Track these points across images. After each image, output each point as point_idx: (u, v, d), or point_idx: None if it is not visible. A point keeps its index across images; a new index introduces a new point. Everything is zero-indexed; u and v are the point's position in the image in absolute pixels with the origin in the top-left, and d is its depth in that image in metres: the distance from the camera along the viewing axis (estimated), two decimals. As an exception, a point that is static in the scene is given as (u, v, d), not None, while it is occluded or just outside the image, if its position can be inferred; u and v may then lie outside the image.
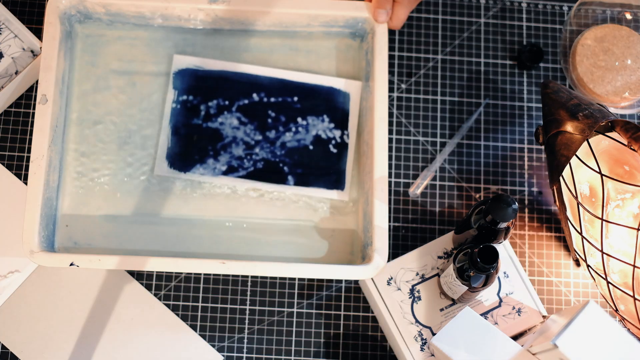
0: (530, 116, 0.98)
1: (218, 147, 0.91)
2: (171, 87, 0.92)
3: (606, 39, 0.98)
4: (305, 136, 0.92)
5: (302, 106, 0.92)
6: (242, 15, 0.93)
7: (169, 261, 0.83)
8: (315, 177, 0.91)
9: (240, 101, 0.92)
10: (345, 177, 0.91)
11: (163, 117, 0.91)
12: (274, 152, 0.91)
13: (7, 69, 0.94)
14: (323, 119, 0.92)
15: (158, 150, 0.90)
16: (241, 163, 0.90)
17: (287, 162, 0.91)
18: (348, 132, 0.92)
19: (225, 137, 0.91)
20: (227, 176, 0.90)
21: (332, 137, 0.92)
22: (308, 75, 0.93)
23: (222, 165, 0.90)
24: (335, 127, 0.92)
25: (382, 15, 0.90)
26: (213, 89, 0.92)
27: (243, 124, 0.91)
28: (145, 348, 0.89)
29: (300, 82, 0.93)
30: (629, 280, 0.86)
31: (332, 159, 0.91)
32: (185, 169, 0.90)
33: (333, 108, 0.93)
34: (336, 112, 0.93)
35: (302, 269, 0.84)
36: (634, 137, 0.84)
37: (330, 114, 0.92)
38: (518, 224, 0.94)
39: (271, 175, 0.91)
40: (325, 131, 0.92)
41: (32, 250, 0.83)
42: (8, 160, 0.94)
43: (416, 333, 0.86)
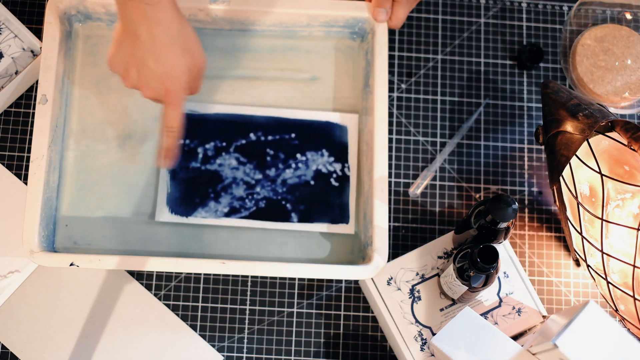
0: (530, 116, 0.98)
1: (219, 189, 0.90)
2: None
3: (606, 39, 0.98)
4: (306, 172, 0.91)
5: (300, 142, 0.92)
6: (242, 16, 0.93)
7: (169, 261, 0.83)
8: (319, 213, 0.90)
9: (238, 141, 0.91)
10: (349, 210, 0.91)
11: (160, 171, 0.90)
12: (276, 190, 0.90)
13: (7, 69, 0.94)
14: (322, 153, 0.92)
15: (158, 196, 0.89)
16: (243, 203, 0.90)
17: (290, 199, 0.90)
18: (348, 165, 0.92)
19: (225, 179, 0.90)
20: (230, 218, 0.89)
21: (333, 171, 0.91)
22: (304, 112, 0.93)
23: (224, 207, 0.90)
24: (335, 161, 0.92)
25: (381, 14, 0.90)
26: (209, 131, 0.91)
27: (242, 164, 0.91)
28: (145, 348, 0.89)
29: (296, 119, 0.92)
30: (629, 280, 0.86)
31: (334, 193, 0.91)
32: (187, 213, 0.89)
33: (331, 142, 0.92)
34: (335, 145, 0.92)
35: (302, 269, 0.84)
36: (634, 137, 0.84)
37: (329, 148, 0.92)
38: (518, 224, 0.94)
39: (274, 213, 0.90)
40: (325, 165, 0.91)
41: (32, 251, 0.83)
42: (8, 160, 0.94)
43: (416, 333, 0.86)
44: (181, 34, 0.78)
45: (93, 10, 0.91)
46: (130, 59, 0.78)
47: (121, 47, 0.78)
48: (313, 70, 0.95)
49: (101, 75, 0.93)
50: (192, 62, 0.80)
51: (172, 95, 0.79)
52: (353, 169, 0.92)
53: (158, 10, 0.75)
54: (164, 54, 0.77)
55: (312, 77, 0.95)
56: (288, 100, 0.94)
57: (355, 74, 0.95)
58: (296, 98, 0.94)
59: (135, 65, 0.78)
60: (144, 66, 0.78)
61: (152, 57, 0.77)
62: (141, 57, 0.77)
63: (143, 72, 0.78)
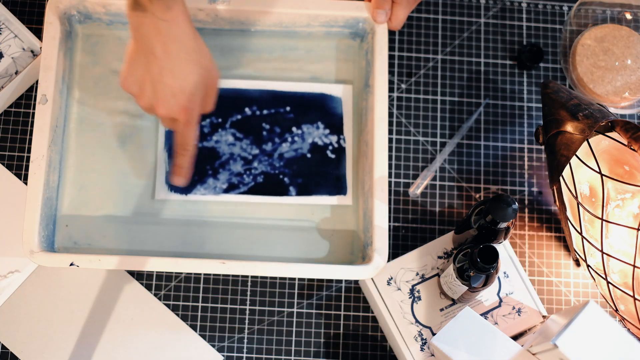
0: (530, 116, 0.98)
1: (216, 166, 0.90)
2: None
3: (606, 39, 0.98)
4: (302, 145, 0.91)
5: (295, 115, 0.92)
6: (242, 15, 0.93)
7: (169, 261, 0.83)
8: (317, 185, 0.91)
9: (233, 117, 0.91)
10: (346, 181, 0.91)
11: (157, 142, 0.91)
12: (273, 165, 0.91)
13: (7, 69, 0.94)
14: (318, 126, 0.92)
15: (157, 175, 0.90)
16: (241, 179, 0.90)
17: (287, 173, 0.90)
18: (344, 137, 0.92)
19: (222, 155, 0.90)
20: (228, 194, 0.90)
21: (329, 143, 0.92)
22: (298, 84, 0.93)
23: (222, 184, 0.90)
24: (330, 133, 0.92)
25: (381, 15, 0.90)
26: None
27: (238, 140, 0.91)
28: (145, 348, 0.89)
29: (290, 92, 0.93)
30: (629, 280, 0.86)
31: (331, 165, 0.91)
32: (186, 191, 0.89)
33: (326, 114, 0.92)
34: (330, 117, 0.92)
35: (302, 269, 0.84)
36: (634, 137, 0.84)
37: (324, 120, 0.92)
38: (518, 224, 0.94)
39: (272, 187, 0.90)
40: (321, 138, 0.92)
41: (32, 251, 0.83)
42: (8, 160, 0.94)
43: (416, 333, 0.86)
44: (196, 50, 0.77)
45: (93, 10, 0.91)
46: (145, 77, 0.77)
47: (135, 65, 0.77)
48: (313, 70, 0.95)
49: (101, 75, 0.93)
50: (208, 78, 0.79)
51: (187, 113, 0.78)
52: (349, 140, 0.92)
53: (174, 27, 0.74)
54: (181, 70, 0.76)
55: (312, 77, 0.95)
56: None
57: (355, 74, 0.95)
58: (296, 98, 0.94)
59: (150, 82, 0.77)
60: (160, 82, 0.76)
61: (168, 74, 0.76)
62: (157, 74, 0.76)
63: (159, 89, 0.76)
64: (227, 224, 0.90)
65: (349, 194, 0.91)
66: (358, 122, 0.93)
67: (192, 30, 0.76)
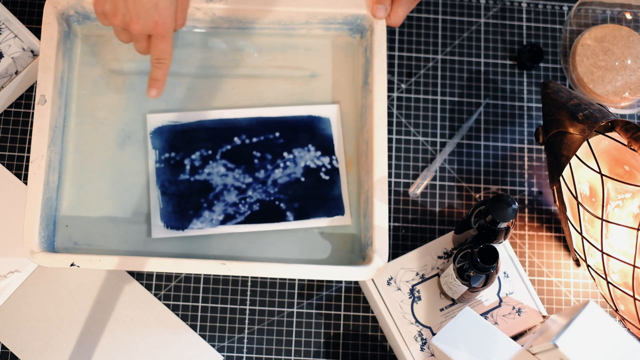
0: (530, 116, 0.98)
1: (210, 198, 0.89)
2: (150, 147, 0.91)
3: (606, 39, 0.98)
4: (295, 169, 0.91)
5: (285, 140, 0.92)
6: (240, 14, 0.93)
7: (169, 261, 0.83)
8: (314, 208, 0.90)
9: (223, 148, 0.91)
10: (342, 201, 0.91)
11: (149, 179, 0.90)
12: (268, 192, 0.90)
13: (7, 69, 0.93)
14: (309, 148, 0.91)
15: (151, 213, 0.89)
16: (237, 209, 0.89)
17: (283, 199, 0.90)
18: (336, 157, 0.92)
19: (215, 187, 0.90)
20: (225, 225, 0.89)
21: (322, 165, 0.91)
22: (284, 109, 0.92)
23: (218, 215, 0.89)
24: (322, 155, 0.91)
25: (380, 10, 0.90)
26: (193, 141, 0.91)
27: (230, 170, 0.90)
28: (145, 348, 0.89)
29: (278, 117, 0.92)
30: (629, 280, 0.86)
31: (326, 187, 0.91)
32: (182, 227, 0.89)
33: (316, 136, 0.92)
34: (320, 139, 0.92)
35: (302, 270, 0.84)
36: (634, 137, 0.84)
37: (314, 143, 0.92)
38: (518, 224, 0.94)
39: (269, 214, 0.90)
40: (313, 160, 0.91)
41: (33, 251, 0.83)
42: (8, 160, 0.94)
43: (416, 333, 0.86)
44: None
45: (91, 10, 0.91)
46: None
47: None
48: (312, 68, 0.95)
49: (100, 75, 0.93)
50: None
51: (162, 27, 0.79)
52: (341, 160, 0.92)
53: None
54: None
55: (311, 74, 0.95)
56: (287, 98, 0.94)
57: (354, 71, 0.95)
58: (295, 95, 0.94)
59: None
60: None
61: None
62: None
63: (132, 4, 0.78)
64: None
65: (347, 214, 0.90)
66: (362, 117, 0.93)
67: None
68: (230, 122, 0.92)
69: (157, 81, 0.83)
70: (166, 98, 0.93)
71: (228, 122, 0.92)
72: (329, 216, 0.90)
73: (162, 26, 0.79)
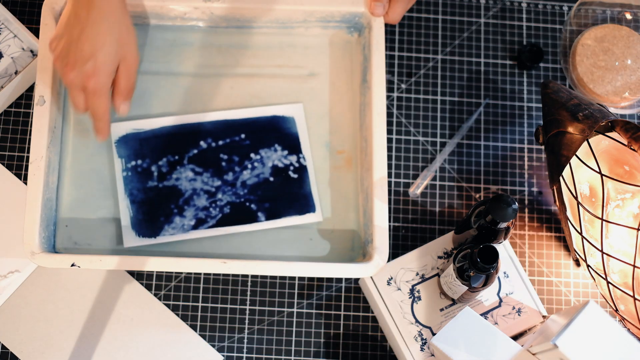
0: (530, 116, 0.98)
1: (180, 203, 0.89)
2: (116, 156, 0.90)
3: (606, 39, 0.98)
4: (263, 170, 0.91)
5: (251, 142, 0.91)
6: (238, 13, 0.93)
7: (170, 261, 0.83)
8: (284, 207, 0.90)
9: (189, 152, 0.90)
10: (313, 198, 0.90)
11: (117, 188, 0.89)
12: (237, 193, 0.90)
13: (7, 69, 0.93)
14: (275, 148, 0.91)
15: (122, 222, 0.88)
16: (208, 213, 0.89)
17: (253, 199, 0.90)
18: (303, 155, 0.91)
19: (185, 192, 0.89)
20: (197, 230, 0.88)
21: (290, 164, 0.91)
22: (248, 110, 0.92)
23: (189, 220, 0.89)
24: (289, 153, 0.91)
25: (378, 8, 0.90)
26: (159, 147, 0.90)
27: (199, 174, 0.90)
28: (145, 348, 0.89)
29: (242, 119, 0.92)
30: (629, 280, 0.86)
31: (295, 185, 0.90)
32: (154, 234, 0.88)
33: (282, 135, 0.92)
34: (286, 138, 0.92)
35: (303, 268, 0.84)
36: (634, 137, 0.84)
37: (280, 142, 0.91)
38: (518, 224, 0.94)
39: (241, 216, 0.89)
40: (280, 159, 0.91)
41: (33, 252, 0.83)
42: (8, 160, 0.94)
43: (416, 333, 0.87)
44: (119, 25, 0.79)
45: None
46: (66, 38, 0.79)
47: (62, 25, 0.80)
48: (310, 66, 0.95)
49: (101, 75, 0.93)
50: (123, 55, 0.80)
51: (95, 81, 0.79)
52: (308, 158, 0.91)
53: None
54: (97, 38, 0.78)
55: (310, 73, 0.95)
56: (286, 96, 0.94)
57: (352, 69, 0.95)
58: (294, 94, 0.94)
59: (69, 44, 0.79)
60: (75, 45, 0.79)
61: (85, 39, 0.78)
62: (76, 37, 0.78)
63: (72, 51, 0.79)
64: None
65: (318, 211, 0.90)
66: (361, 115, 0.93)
67: (121, 6, 0.79)
68: (194, 126, 0.91)
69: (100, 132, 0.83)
70: (166, 98, 0.93)
71: (192, 126, 0.91)
72: (300, 214, 0.90)
73: (95, 79, 0.79)
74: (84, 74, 0.79)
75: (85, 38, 0.78)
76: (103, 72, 0.79)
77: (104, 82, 0.80)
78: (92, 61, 0.78)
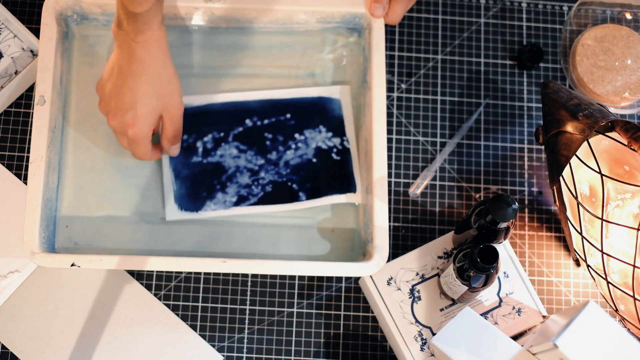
0: (530, 116, 0.98)
1: (224, 180, 0.90)
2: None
3: (606, 39, 0.98)
4: (307, 150, 0.91)
5: (296, 122, 0.92)
6: (238, 13, 0.93)
7: (170, 261, 0.83)
8: (326, 187, 0.90)
9: (235, 130, 0.91)
10: (354, 180, 0.91)
11: (162, 163, 0.90)
12: (280, 173, 0.90)
13: (7, 69, 0.93)
14: (320, 130, 0.92)
15: (165, 196, 0.89)
16: (250, 190, 0.90)
17: (295, 180, 0.90)
18: (347, 138, 0.92)
19: (228, 169, 0.90)
20: (239, 206, 0.89)
21: (333, 146, 0.92)
22: (295, 90, 0.93)
23: (231, 197, 0.89)
24: (334, 136, 0.92)
25: (378, 9, 0.90)
26: (204, 123, 0.91)
27: (243, 152, 0.90)
28: (145, 348, 0.89)
29: (289, 99, 0.92)
30: (629, 280, 0.86)
31: (337, 167, 0.91)
32: (196, 208, 0.89)
33: (327, 117, 0.92)
34: (331, 120, 0.92)
35: (303, 267, 0.84)
36: (634, 137, 0.84)
37: (325, 124, 0.92)
38: (518, 224, 0.94)
39: (282, 195, 0.90)
40: (324, 141, 0.91)
41: (33, 252, 0.83)
42: (8, 160, 0.94)
43: (416, 333, 0.87)
44: (160, 76, 0.81)
45: (89, 10, 0.91)
46: (111, 86, 0.82)
47: (109, 73, 0.82)
48: (310, 67, 0.95)
49: (98, 75, 0.93)
50: (164, 105, 0.82)
51: (134, 130, 0.82)
52: (352, 141, 0.92)
53: (144, 50, 0.79)
54: (138, 89, 0.80)
55: (310, 73, 0.95)
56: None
57: (352, 70, 0.95)
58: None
59: (111, 92, 0.82)
60: (118, 95, 0.81)
61: (127, 90, 0.80)
62: (119, 87, 0.81)
63: (115, 101, 0.82)
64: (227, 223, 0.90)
65: (358, 192, 0.90)
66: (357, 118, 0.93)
67: (163, 57, 0.81)
68: (240, 104, 0.92)
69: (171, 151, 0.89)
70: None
71: (239, 104, 0.92)
72: (342, 193, 0.90)
73: (134, 129, 0.82)
74: (124, 123, 0.82)
75: (126, 89, 0.80)
76: (142, 123, 0.82)
77: (143, 132, 0.82)
78: (132, 112, 0.81)
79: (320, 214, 0.91)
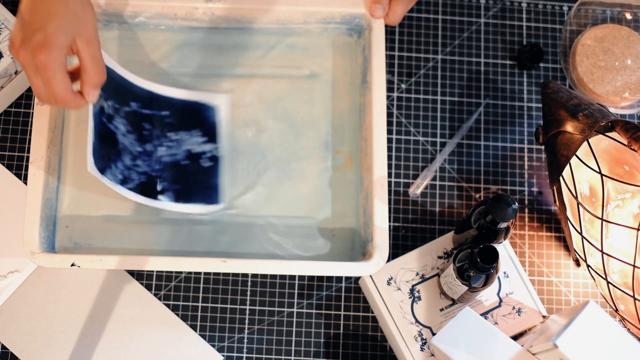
0: (530, 116, 0.98)
1: (115, 152, 0.86)
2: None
3: (606, 39, 0.98)
4: (178, 151, 0.90)
5: (172, 120, 0.90)
6: (238, 14, 0.93)
7: (170, 261, 0.83)
8: (191, 193, 0.89)
9: (124, 107, 0.87)
10: (219, 191, 0.89)
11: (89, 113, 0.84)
12: (152, 166, 0.88)
13: (7, 69, 0.93)
14: (193, 133, 0.90)
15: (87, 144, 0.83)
16: (129, 174, 0.87)
17: (165, 178, 0.88)
18: (221, 146, 0.91)
19: (119, 143, 0.87)
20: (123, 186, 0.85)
21: (203, 152, 0.90)
22: (177, 90, 0.91)
23: (118, 174, 0.86)
24: (206, 142, 0.90)
25: (378, 10, 0.90)
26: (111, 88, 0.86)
27: (130, 133, 0.88)
28: (145, 348, 0.89)
29: (167, 97, 0.91)
30: (629, 280, 0.86)
31: (206, 174, 0.89)
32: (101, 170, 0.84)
33: (203, 122, 0.91)
34: (206, 126, 0.91)
35: (303, 267, 0.84)
36: (634, 137, 0.84)
37: (200, 128, 0.91)
38: (518, 224, 0.95)
39: (150, 190, 0.88)
40: (196, 146, 0.90)
41: (33, 252, 0.83)
42: (8, 160, 0.94)
43: (416, 333, 0.87)
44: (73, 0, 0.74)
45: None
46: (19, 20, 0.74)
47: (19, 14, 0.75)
48: (311, 67, 0.95)
49: (101, 75, 0.93)
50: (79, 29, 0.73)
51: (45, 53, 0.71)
52: (224, 150, 0.91)
53: None
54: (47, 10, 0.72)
55: (310, 73, 0.95)
56: (286, 97, 0.94)
57: (353, 70, 0.95)
58: (294, 95, 0.94)
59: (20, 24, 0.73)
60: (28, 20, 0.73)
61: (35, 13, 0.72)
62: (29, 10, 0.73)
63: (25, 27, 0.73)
64: (227, 222, 0.90)
65: (221, 203, 0.89)
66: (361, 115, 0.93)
67: None
68: (128, 84, 0.88)
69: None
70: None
71: (126, 83, 0.88)
72: (206, 204, 0.88)
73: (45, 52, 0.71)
74: (33, 47, 0.71)
75: (35, 11, 0.72)
76: (54, 44, 0.71)
77: (55, 55, 0.72)
78: (42, 32, 0.71)
79: (321, 214, 0.91)
